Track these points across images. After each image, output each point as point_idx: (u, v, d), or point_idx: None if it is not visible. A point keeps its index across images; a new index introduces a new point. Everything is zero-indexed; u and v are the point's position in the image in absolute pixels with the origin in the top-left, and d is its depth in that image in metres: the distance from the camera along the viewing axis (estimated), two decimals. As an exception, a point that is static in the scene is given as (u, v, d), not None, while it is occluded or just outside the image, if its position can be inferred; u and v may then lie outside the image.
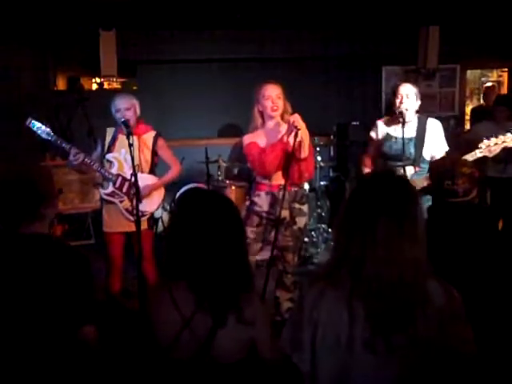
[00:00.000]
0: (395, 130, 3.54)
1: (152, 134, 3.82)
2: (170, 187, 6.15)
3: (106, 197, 3.67)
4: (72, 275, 1.82)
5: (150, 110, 6.66)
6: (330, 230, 5.38)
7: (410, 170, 3.37)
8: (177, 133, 6.29)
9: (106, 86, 7.35)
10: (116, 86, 7.49)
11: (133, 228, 3.33)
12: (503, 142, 3.22)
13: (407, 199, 1.46)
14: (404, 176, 3.00)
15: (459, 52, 6.88)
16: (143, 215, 3.62)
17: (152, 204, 3.79)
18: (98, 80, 7.59)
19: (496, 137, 3.24)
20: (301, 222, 3.52)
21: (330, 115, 6.71)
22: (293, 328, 1.50)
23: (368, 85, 7.11)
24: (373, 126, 3.77)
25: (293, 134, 3.14)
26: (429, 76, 7.08)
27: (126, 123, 3.46)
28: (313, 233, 5.45)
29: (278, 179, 3.41)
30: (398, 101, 3.45)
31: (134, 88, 7.09)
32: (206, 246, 1.65)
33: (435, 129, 3.54)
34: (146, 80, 6.80)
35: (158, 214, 5.87)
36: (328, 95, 6.92)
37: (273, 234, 3.33)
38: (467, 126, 7.18)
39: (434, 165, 2.51)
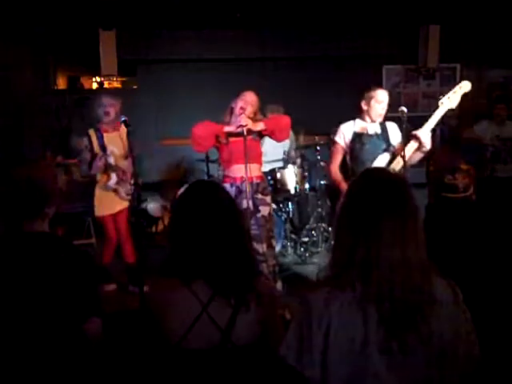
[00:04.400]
0: (364, 132, 3.81)
1: (124, 127, 3.96)
2: (171, 187, 6.15)
3: (114, 186, 4.21)
4: (77, 270, 1.86)
5: (149, 109, 6.70)
6: (330, 229, 5.38)
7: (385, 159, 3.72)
8: (177, 131, 6.29)
9: (106, 85, 7.35)
10: (116, 85, 7.50)
11: (123, 206, 4.27)
12: (460, 87, 3.56)
13: (407, 198, 1.45)
14: (399, 174, 3.05)
15: (459, 51, 6.88)
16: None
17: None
18: (98, 79, 7.59)
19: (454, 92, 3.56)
20: (264, 210, 3.73)
21: (330, 114, 6.69)
22: (299, 334, 1.45)
23: (368, 84, 7.09)
24: (336, 132, 3.96)
25: (239, 129, 3.53)
26: (429, 75, 7.08)
27: (126, 122, 3.52)
28: (313, 232, 5.45)
29: (241, 172, 3.60)
30: (380, 107, 3.75)
31: (134, 87, 7.10)
32: (213, 237, 1.67)
33: (390, 123, 3.85)
34: (146, 79, 6.81)
35: (158, 214, 5.89)
36: (328, 94, 6.92)
37: None
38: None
39: (434, 160, 2.52)
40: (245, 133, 3.49)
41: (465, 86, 3.59)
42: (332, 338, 1.40)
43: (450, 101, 3.60)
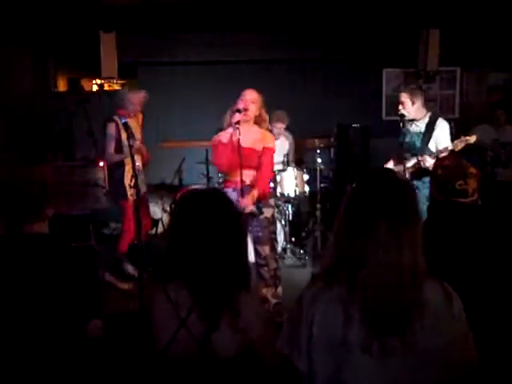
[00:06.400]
0: (409, 127, 4.15)
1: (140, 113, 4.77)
2: (171, 189, 6.15)
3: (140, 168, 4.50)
4: (78, 272, 1.87)
5: (150, 112, 6.68)
6: (329, 232, 5.38)
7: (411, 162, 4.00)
8: (177, 134, 6.30)
9: (106, 87, 7.35)
10: (116, 87, 7.50)
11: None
12: (467, 140, 3.76)
13: (406, 201, 1.45)
14: (403, 176, 3.09)
15: (459, 54, 6.89)
16: None
17: None
18: (98, 81, 7.60)
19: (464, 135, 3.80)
20: (267, 212, 3.64)
21: (330, 117, 6.71)
22: (291, 327, 1.48)
23: (369, 87, 7.12)
24: None
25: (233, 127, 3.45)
26: (429, 78, 7.08)
27: (126, 124, 3.56)
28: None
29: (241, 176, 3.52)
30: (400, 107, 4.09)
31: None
32: (204, 245, 1.65)
33: (442, 127, 4.00)
34: (147, 81, 6.80)
35: (158, 215, 5.89)
36: (329, 97, 6.93)
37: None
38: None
39: (441, 165, 2.50)
40: (238, 135, 3.42)
41: (471, 139, 3.84)
42: (315, 334, 1.41)
43: (455, 145, 3.82)
